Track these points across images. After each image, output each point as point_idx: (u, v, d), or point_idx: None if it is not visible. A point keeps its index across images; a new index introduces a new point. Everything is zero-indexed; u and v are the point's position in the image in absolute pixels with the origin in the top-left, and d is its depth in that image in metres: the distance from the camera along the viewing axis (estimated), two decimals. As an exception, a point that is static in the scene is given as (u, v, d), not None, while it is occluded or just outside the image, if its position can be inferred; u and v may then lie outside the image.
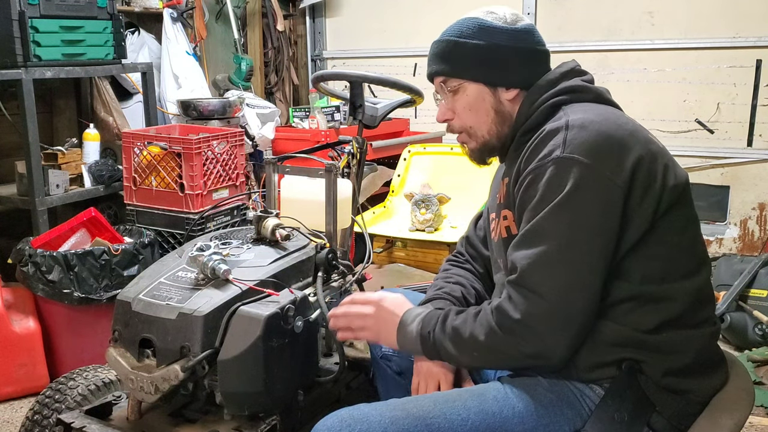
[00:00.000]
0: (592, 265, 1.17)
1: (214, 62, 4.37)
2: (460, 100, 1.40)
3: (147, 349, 1.42)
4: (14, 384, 2.49)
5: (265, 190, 1.78)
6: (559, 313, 1.16)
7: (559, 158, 1.19)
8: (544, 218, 1.19)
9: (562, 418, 1.22)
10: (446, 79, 1.40)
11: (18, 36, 2.73)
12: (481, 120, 1.39)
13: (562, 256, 1.17)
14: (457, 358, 1.29)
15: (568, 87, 1.34)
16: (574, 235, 1.17)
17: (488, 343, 1.22)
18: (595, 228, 1.17)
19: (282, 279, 1.52)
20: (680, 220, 1.24)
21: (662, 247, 1.22)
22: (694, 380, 1.24)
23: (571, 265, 1.17)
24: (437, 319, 1.30)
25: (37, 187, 2.80)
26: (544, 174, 1.20)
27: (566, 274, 1.16)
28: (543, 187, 1.20)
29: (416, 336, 1.31)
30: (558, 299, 1.16)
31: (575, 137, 1.20)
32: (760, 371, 2.69)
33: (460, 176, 3.09)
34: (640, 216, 1.20)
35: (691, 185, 1.28)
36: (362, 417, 1.17)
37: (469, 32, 1.36)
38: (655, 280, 1.22)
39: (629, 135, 1.22)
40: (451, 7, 4.02)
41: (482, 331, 1.22)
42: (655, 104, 4.00)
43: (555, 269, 1.17)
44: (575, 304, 1.17)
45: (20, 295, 2.54)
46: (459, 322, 1.26)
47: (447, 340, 1.27)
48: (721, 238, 3.94)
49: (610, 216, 1.17)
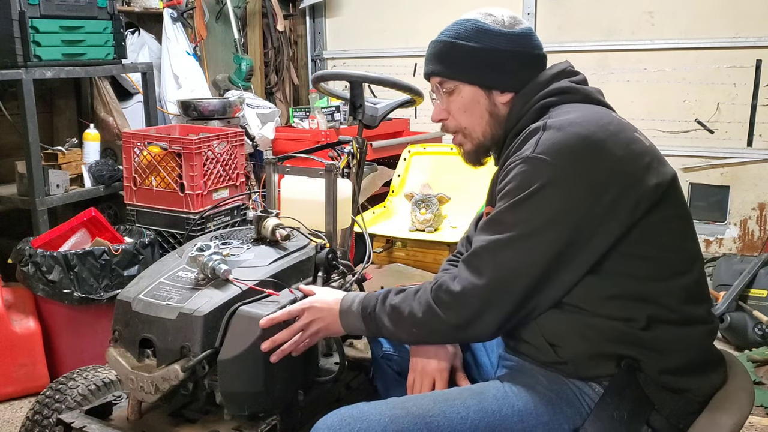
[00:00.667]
0: (537, 258, 1.21)
1: (214, 62, 4.37)
2: (455, 102, 1.41)
3: (147, 349, 1.43)
4: (14, 384, 2.49)
5: (265, 190, 1.78)
6: (493, 292, 1.22)
7: (528, 157, 1.23)
8: (504, 210, 1.25)
9: (562, 416, 1.23)
10: (442, 80, 1.41)
11: (18, 36, 2.73)
12: (476, 122, 1.41)
13: (510, 245, 1.22)
14: (396, 335, 1.34)
15: (557, 89, 1.35)
16: (526, 228, 1.21)
17: (425, 319, 1.27)
18: (548, 227, 1.20)
19: (282, 279, 1.52)
20: (666, 219, 1.24)
21: (647, 246, 1.23)
22: (692, 379, 1.24)
23: (516, 254, 1.22)
24: (376, 298, 1.35)
25: (37, 187, 2.80)
26: (513, 171, 1.25)
27: (509, 260, 1.22)
28: (510, 183, 1.25)
29: (358, 315, 1.36)
30: (496, 280, 1.22)
31: (548, 138, 1.23)
32: (760, 371, 2.69)
33: (460, 176, 3.09)
34: (615, 216, 1.20)
35: (691, 185, 1.28)
36: (362, 416, 1.17)
37: (467, 34, 1.36)
38: (642, 278, 1.23)
39: (609, 136, 1.22)
40: (450, 7, 4.01)
41: (420, 309, 1.28)
42: (655, 104, 4.00)
43: (501, 254, 1.23)
44: (511, 288, 1.22)
45: (20, 295, 2.54)
46: (398, 301, 1.31)
47: (386, 317, 1.32)
48: (721, 238, 3.94)
49: (571, 216, 1.19)
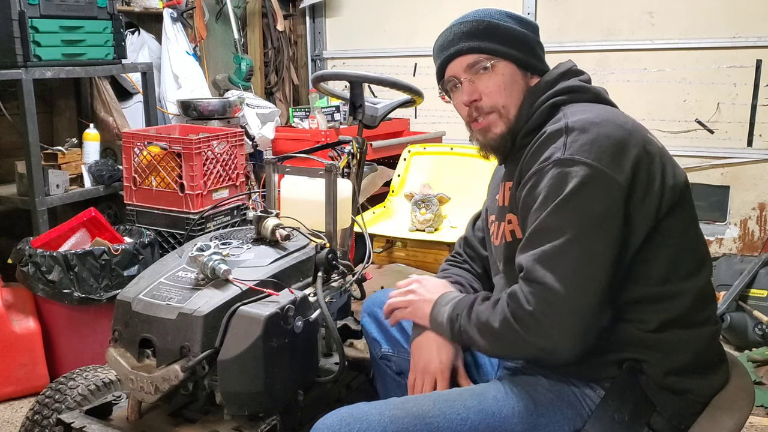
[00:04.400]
0: (597, 260, 1.15)
1: (214, 62, 4.37)
2: (494, 79, 1.36)
3: (147, 349, 1.42)
4: (14, 384, 2.49)
5: (265, 190, 1.78)
6: (567, 304, 1.14)
7: (560, 159, 1.19)
8: (547, 216, 1.18)
9: (562, 417, 1.22)
10: (479, 57, 1.36)
11: (18, 36, 2.73)
12: (514, 101, 1.36)
13: (567, 249, 1.15)
14: (477, 343, 1.29)
15: (567, 87, 1.34)
16: (578, 230, 1.16)
17: (501, 331, 1.22)
18: (600, 224, 1.16)
19: (282, 279, 1.52)
20: (682, 221, 1.24)
21: (665, 248, 1.22)
22: (695, 380, 1.24)
23: (577, 259, 1.15)
24: (467, 304, 1.32)
25: (37, 187, 2.80)
26: (545, 175, 1.20)
27: (572, 267, 1.15)
28: (545, 188, 1.20)
29: (447, 318, 1.34)
30: (566, 290, 1.14)
31: (576, 140, 1.20)
32: (760, 371, 2.68)
33: (460, 176, 3.09)
34: (643, 216, 1.19)
35: (691, 185, 1.28)
36: (362, 416, 1.17)
37: (500, 17, 1.38)
38: (659, 281, 1.22)
39: (628, 135, 1.21)
40: (450, 7, 4.01)
41: (497, 319, 1.22)
42: (655, 104, 3.99)
43: (561, 262, 1.15)
44: (583, 297, 1.14)
45: (20, 295, 2.54)
46: (481, 309, 1.28)
47: (471, 325, 1.28)
48: (721, 238, 3.94)
49: (613, 214, 1.16)
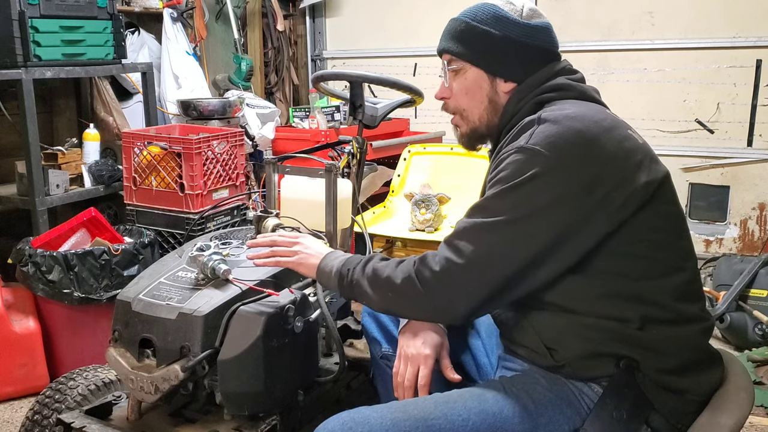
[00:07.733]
0: (519, 246, 1.19)
1: (214, 62, 4.37)
2: (459, 82, 1.42)
3: (147, 349, 1.43)
4: (14, 384, 2.49)
5: (265, 190, 1.78)
6: (471, 275, 1.20)
7: (522, 147, 1.22)
8: (493, 197, 1.23)
9: (562, 417, 1.23)
10: (452, 58, 1.42)
11: (18, 36, 2.73)
12: (475, 106, 1.41)
13: (493, 228, 1.21)
14: (369, 297, 1.32)
15: (553, 85, 1.35)
16: (513, 215, 1.20)
17: (402, 288, 1.26)
18: (539, 216, 1.19)
19: (282, 279, 1.52)
20: (657, 217, 1.24)
21: (638, 244, 1.22)
22: (690, 378, 1.24)
23: (499, 238, 1.20)
24: (360, 260, 1.36)
25: (37, 187, 2.80)
26: (505, 161, 1.24)
27: (491, 244, 1.20)
28: (501, 171, 1.24)
29: (335, 271, 1.36)
30: (475, 263, 1.20)
31: (543, 131, 1.22)
32: (760, 371, 2.68)
33: (460, 176, 3.09)
34: (604, 212, 1.19)
35: (691, 185, 1.28)
36: (363, 420, 1.17)
37: (483, 17, 1.37)
38: (634, 277, 1.22)
39: (603, 132, 1.22)
40: (451, 7, 4.01)
41: (400, 276, 1.27)
42: (655, 104, 3.99)
43: (483, 237, 1.21)
44: (490, 272, 1.20)
45: (20, 295, 2.54)
46: (381, 266, 1.32)
47: (364, 278, 1.32)
48: (721, 238, 3.94)
49: (559, 208, 1.18)
